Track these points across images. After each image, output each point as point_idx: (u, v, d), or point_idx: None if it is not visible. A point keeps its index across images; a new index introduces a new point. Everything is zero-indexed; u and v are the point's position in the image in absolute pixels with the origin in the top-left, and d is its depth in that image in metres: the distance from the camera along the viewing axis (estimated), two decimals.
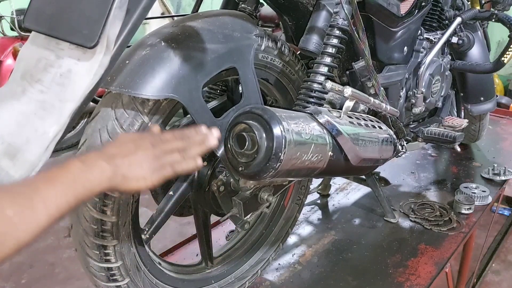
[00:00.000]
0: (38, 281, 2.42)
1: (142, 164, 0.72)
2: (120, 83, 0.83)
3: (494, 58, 1.65)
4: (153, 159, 0.73)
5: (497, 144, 2.43)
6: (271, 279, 1.38)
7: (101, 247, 0.91)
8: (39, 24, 0.74)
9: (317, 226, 1.67)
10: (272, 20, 3.47)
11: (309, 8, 1.10)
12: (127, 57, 0.87)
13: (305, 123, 0.92)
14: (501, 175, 1.97)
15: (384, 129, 1.20)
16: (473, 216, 1.70)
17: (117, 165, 0.69)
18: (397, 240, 1.56)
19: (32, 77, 0.75)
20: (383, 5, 1.24)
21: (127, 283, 0.97)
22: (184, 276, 1.16)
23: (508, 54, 1.59)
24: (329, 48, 1.06)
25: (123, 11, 0.72)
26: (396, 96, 1.44)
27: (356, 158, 1.05)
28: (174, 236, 2.54)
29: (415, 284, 1.34)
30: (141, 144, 0.74)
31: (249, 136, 0.86)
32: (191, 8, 1.37)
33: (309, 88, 1.06)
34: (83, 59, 0.72)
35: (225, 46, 0.95)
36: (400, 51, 1.43)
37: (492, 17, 1.58)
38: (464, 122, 1.66)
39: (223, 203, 1.08)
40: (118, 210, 0.89)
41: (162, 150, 0.75)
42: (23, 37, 3.65)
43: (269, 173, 0.86)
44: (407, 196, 1.86)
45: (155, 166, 0.73)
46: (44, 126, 0.74)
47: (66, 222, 0.89)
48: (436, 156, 2.29)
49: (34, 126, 0.74)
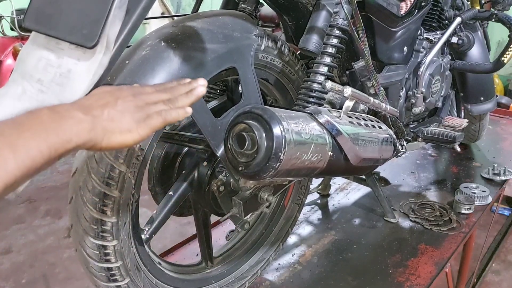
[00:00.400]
0: (38, 281, 2.42)
1: (124, 114, 0.64)
2: (120, 83, 0.83)
3: (494, 58, 1.65)
4: (136, 108, 0.66)
5: (497, 144, 2.43)
6: (271, 279, 1.38)
7: (101, 247, 0.91)
8: (39, 24, 0.74)
9: (317, 226, 1.67)
10: (272, 20, 3.47)
11: (309, 8, 1.10)
12: (127, 57, 0.87)
13: (305, 123, 0.92)
14: (501, 175, 1.97)
15: (384, 129, 1.20)
16: (473, 216, 1.70)
17: (95, 115, 0.61)
18: (397, 240, 1.56)
19: (32, 77, 0.75)
20: (383, 5, 1.24)
21: (127, 283, 0.97)
22: (184, 276, 1.16)
23: (508, 54, 1.59)
24: (329, 48, 1.06)
25: (123, 11, 0.72)
26: (396, 96, 1.44)
27: (356, 158, 1.05)
28: (174, 236, 2.54)
29: (415, 284, 1.34)
30: (119, 94, 0.66)
31: (249, 136, 0.86)
32: (191, 8, 1.37)
33: (309, 88, 1.06)
34: (83, 59, 0.72)
35: (225, 46, 0.95)
36: (400, 51, 1.43)
37: (492, 17, 1.58)
38: (464, 122, 1.67)
39: (223, 203, 1.08)
40: (118, 210, 0.89)
41: (145, 101, 0.68)
42: (23, 37, 3.66)
43: (269, 173, 0.86)
44: (407, 196, 1.86)
45: (139, 116, 0.66)
46: None
47: (66, 222, 0.89)
48: (436, 156, 2.29)
49: None
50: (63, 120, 0.58)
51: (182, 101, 0.72)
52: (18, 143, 0.53)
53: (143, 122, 0.66)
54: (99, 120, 0.61)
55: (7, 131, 0.54)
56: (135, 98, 0.67)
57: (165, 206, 1.06)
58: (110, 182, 0.86)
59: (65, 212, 2.88)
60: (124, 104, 0.65)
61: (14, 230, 2.86)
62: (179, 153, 1.14)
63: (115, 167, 0.85)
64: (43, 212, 3.05)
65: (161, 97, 0.70)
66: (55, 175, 3.53)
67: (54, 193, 3.28)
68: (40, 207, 3.11)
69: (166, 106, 0.69)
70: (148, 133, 0.66)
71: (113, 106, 0.64)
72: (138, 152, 0.87)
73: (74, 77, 0.72)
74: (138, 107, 0.66)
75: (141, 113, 0.66)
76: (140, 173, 0.91)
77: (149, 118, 0.66)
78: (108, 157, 0.84)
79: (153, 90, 0.71)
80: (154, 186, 1.15)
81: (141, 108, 0.66)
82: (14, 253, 2.64)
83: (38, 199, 3.20)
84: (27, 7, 0.75)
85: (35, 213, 3.03)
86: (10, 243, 2.74)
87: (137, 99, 0.67)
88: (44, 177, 3.48)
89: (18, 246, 2.71)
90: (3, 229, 2.85)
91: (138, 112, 0.65)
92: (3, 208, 3.05)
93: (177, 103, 0.71)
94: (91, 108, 0.62)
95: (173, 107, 0.70)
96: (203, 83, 0.75)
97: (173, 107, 0.70)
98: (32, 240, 2.75)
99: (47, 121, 0.57)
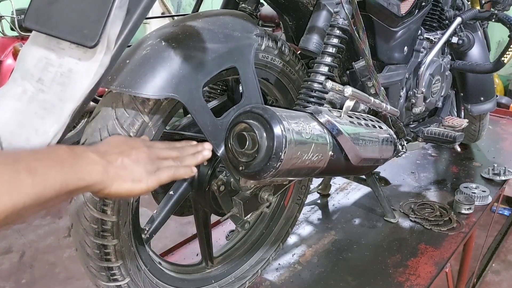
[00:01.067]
0: (38, 281, 2.42)
1: (138, 165, 0.67)
2: (120, 82, 0.83)
3: (494, 58, 1.65)
4: (149, 161, 0.69)
5: (497, 144, 2.43)
6: (271, 279, 1.38)
7: (101, 246, 0.91)
8: (40, 23, 0.74)
9: (317, 226, 1.67)
10: (272, 20, 3.47)
11: (309, 7, 1.10)
12: (127, 56, 0.87)
13: (305, 122, 0.92)
14: (501, 175, 1.97)
15: (385, 129, 1.20)
16: (473, 216, 1.70)
17: (109, 161, 0.64)
18: (397, 240, 1.56)
19: (32, 77, 0.75)
20: (384, 5, 1.24)
21: (128, 283, 0.97)
22: (184, 275, 1.16)
23: (508, 54, 1.59)
24: (330, 48, 1.06)
25: (124, 11, 0.72)
26: (396, 96, 1.44)
27: (357, 158, 1.05)
28: (174, 235, 2.55)
29: (415, 284, 1.34)
30: (134, 144, 0.70)
31: (249, 135, 0.86)
32: (191, 8, 1.37)
33: (310, 88, 1.06)
34: (84, 59, 0.72)
35: (226, 45, 0.95)
36: (400, 51, 1.43)
37: (492, 17, 1.58)
38: (464, 122, 1.67)
39: (223, 202, 1.08)
40: (118, 210, 0.89)
41: (157, 155, 0.71)
42: (23, 37, 3.66)
43: (269, 173, 0.86)
44: (407, 196, 1.86)
45: (151, 168, 0.68)
46: (44, 126, 0.74)
47: (66, 222, 0.89)
48: (436, 156, 2.29)
49: (35, 126, 0.74)
50: (79, 157, 0.61)
51: (189, 160, 0.77)
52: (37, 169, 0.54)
53: (153, 174, 0.69)
54: (113, 166, 0.64)
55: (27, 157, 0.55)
56: (148, 151, 0.70)
57: (166, 206, 1.06)
58: None
59: (66, 212, 2.88)
60: (138, 155, 0.68)
61: (14, 230, 2.86)
62: None
63: None
64: (43, 212, 3.05)
65: (171, 154, 0.75)
66: None
67: None
68: None
69: (175, 163, 0.74)
70: (155, 186, 0.69)
71: (127, 155, 0.67)
72: None
73: (75, 77, 0.72)
74: (150, 159, 0.69)
75: (152, 166, 0.69)
76: None
77: (160, 171, 0.70)
78: None
79: (164, 146, 0.76)
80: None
81: (153, 161, 0.70)
82: (14, 253, 2.65)
83: None
84: (27, 7, 0.75)
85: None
86: (10, 243, 2.74)
87: (150, 151, 0.70)
88: None
89: (18, 246, 2.71)
90: (3, 229, 2.85)
91: (150, 164, 0.69)
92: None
93: (185, 162, 0.76)
94: (107, 154, 0.65)
95: (181, 165, 0.75)
96: (208, 147, 0.82)
97: (181, 165, 0.75)
98: (32, 240, 2.75)
99: (65, 156, 0.59)
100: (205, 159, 0.81)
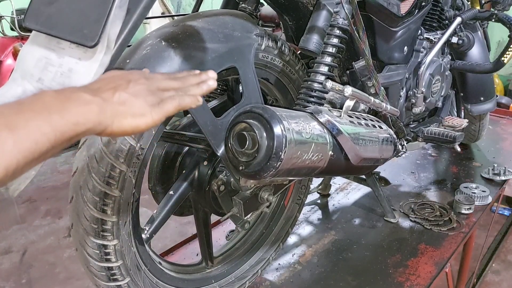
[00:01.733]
0: (38, 281, 2.42)
1: (137, 98, 0.61)
2: None
3: (494, 58, 1.65)
4: (149, 92, 0.63)
5: (497, 144, 2.43)
6: (271, 279, 1.38)
7: (101, 246, 0.91)
8: (40, 23, 0.74)
9: (317, 226, 1.67)
10: (272, 20, 3.46)
11: (309, 7, 1.10)
12: (127, 56, 0.87)
13: (305, 122, 0.92)
14: (501, 175, 1.97)
15: (385, 128, 1.20)
16: (473, 216, 1.70)
17: (104, 98, 0.58)
18: (397, 240, 1.56)
19: (32, 77, 0.75)
20: (384, 4, 1.24)
21: (128, 283, 0.97)
22: (184, 275, 1.16)
23: (508, 54, 1.59)
24: (330, 48, 1.06)
25: (124, 11, 0.72)
26: (396, 96, 1.44)
27: (357, 158, 1.05)
28: (174, 235, 2.55)
29: (415, 284, 1.34)
30: (131, 77, 0.63)
31: (249, 135, 0.86)
32: (191, 7, 1.37)
33: (310, 88, 1.06)
34: (84, 58, 0.72)
35: (226, 45, 0.95)
36: (400, 51, 1.43)
37: (492, 17, 1.59)
38: (464, 122, 1.67)
39: (224, 202, 1.08)
40: (118, 210, 0.89)
41: (157, 86, 0.65)
42: (23, 37, 3.66)
43: (269, 172, 0.86)
44: (407, 196, 1.86)
45: (152, 100, 0.62)
46: None
47: (66, 222, 0.89)
48: (436, 156, 2.29)
49: None
50: (68, 101, 0.55)
51: (193, 90, 0.70)
52: (17, 124, 0.50)
53: (156, 106, 0.63)
54: (109, 103, 0.58)
55: (6, 111, 0.50)
56: (147, 82, 0.64)
57: (166, 206, 1.06)
58: (111, 182, 0.86)
59: (66, 212, 2.88)
60: (136, 87, 0.62)
61: (14, 230, 2.86)
62: (180, 152, 1.14)
63: (116, 166, 0.85)
64: (44, 212, 3.05)
65: (173, 84, 0.68)
66: (56, 175, 3.54)
67: (55, 193, 3.28)
68: (41, 207, 3.11)
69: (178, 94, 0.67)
70: (161, 118, 0.63)
71: (124, 89, 0.61)
72: (138, 152, 0.87)
73: (75, 76, 0.72)
74: (150, 91, 0.63)
75: (154, 97, 0.63)
76: (141, 173, 0.91)
77: (163, 102, 0.64)
78: (108, 156, 0.84)
79: (164, 77, 0.69)
80: (154, 185, 1.15)
81: (153, 92, 0.64)
82: (14, 253, 2.65)
83: (38, 199, 3.20)
84: (27, 6, 0.75)
85: (36, 213, 3.03)
86: (10, 243, 2.74)
87: (149, 83, 0.64)
88: (45, 177, 3.48)
89: (18, 246, 2.71)
90: (3, 229, 2.85)
91: (151, 96, 0.63)
92: (3, 208, 3.05)
93: (189, 92, 0.69)
94: (100, 91, 0.59)
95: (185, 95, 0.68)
96: (213, 75, 0.73)
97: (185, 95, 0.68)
98: (32, 240, 2.75)
99: (50, 101, 0.54)
100: (210, 89, 0.72)
